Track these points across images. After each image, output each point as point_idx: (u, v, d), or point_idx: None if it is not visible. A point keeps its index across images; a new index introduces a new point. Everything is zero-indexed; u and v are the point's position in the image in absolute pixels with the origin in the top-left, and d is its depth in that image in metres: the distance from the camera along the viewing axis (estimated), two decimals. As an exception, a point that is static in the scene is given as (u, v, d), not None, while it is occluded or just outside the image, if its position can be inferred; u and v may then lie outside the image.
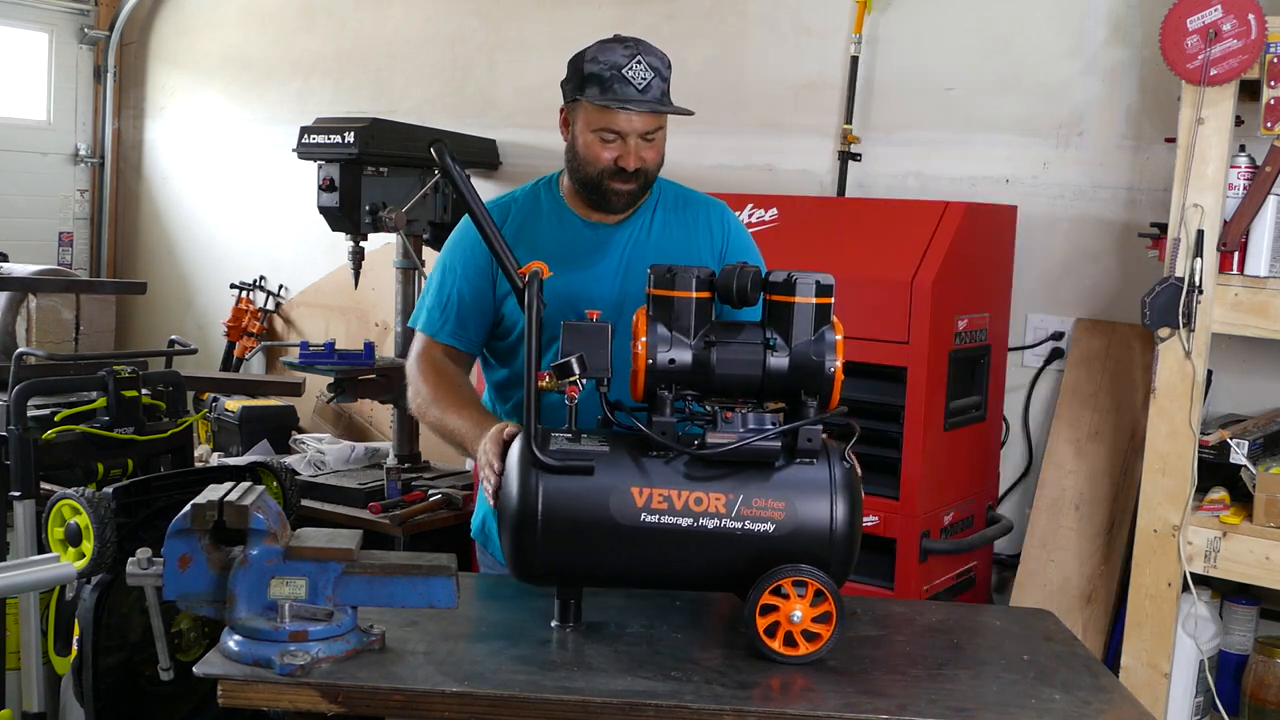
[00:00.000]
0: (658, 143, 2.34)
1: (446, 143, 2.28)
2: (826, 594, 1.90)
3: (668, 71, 2.31)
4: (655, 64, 2.28)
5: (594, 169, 2.33)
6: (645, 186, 2.38)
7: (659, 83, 2.28)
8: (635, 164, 2.30)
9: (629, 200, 2.38)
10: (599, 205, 2.40)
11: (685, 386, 1.99)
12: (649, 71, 2.26)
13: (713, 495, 1.93)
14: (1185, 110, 2.92)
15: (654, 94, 2.27)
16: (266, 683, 1.80)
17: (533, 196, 2.49)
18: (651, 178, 2.38)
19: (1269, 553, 2.89)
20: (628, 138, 2.29)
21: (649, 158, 2.33)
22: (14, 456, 3.10)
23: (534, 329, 1.97)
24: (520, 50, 4.91)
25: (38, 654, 3.04)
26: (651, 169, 2.35)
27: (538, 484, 1.92)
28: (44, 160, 6.12)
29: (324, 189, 4.05)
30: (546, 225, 2.43)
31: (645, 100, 2.26)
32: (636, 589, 2.18)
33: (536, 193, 2.49)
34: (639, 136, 2.29)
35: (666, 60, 2.32)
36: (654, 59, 2.29)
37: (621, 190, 2.34)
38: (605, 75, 2.26)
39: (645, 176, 2.35)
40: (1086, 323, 3.73)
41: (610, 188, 2.34)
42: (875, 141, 4.07)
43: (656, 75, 2.27)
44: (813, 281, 1.98)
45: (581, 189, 2.39)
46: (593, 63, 2.28)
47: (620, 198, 2.36)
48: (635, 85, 2.25)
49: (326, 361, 4.05)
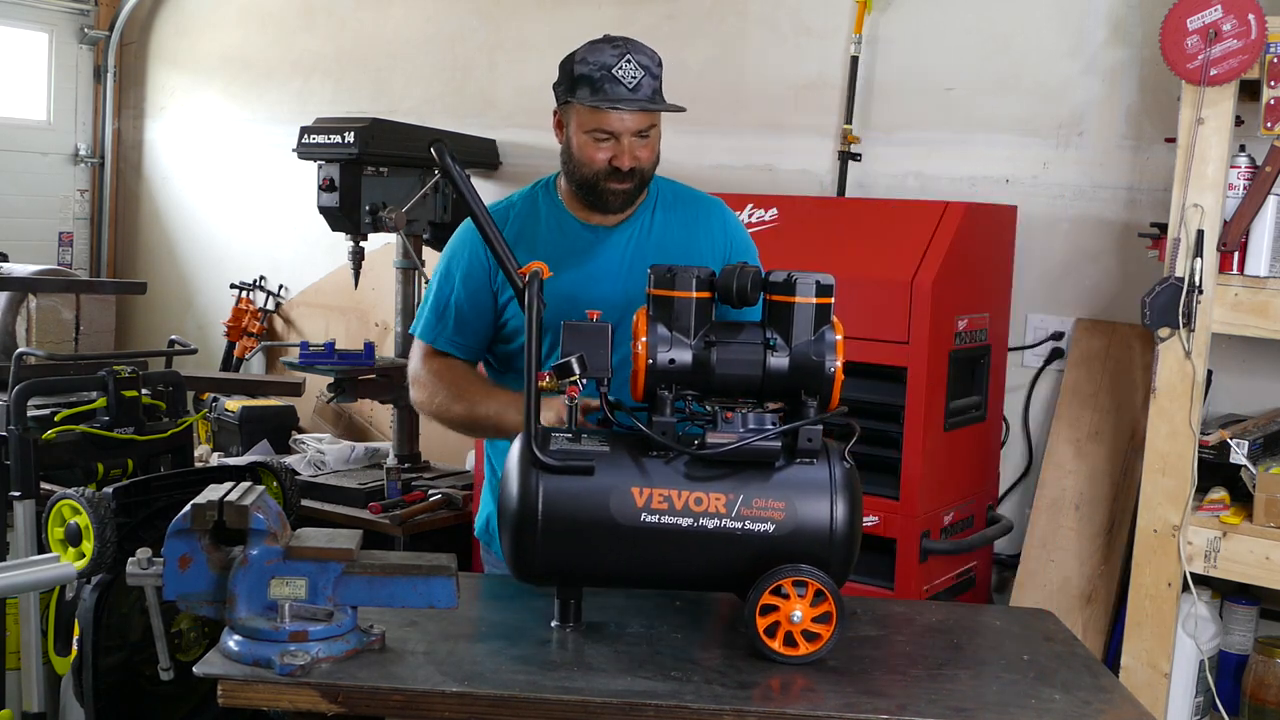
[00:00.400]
0: (652, 141, 2.34)
1: (447, 143, 2.28)
2: (826, 594, 1.90)
3: (659, 69, 2.31)
4: (645, 62, 2.28)
5: (589, 170, 2.33)
6: (641, 185, 2.38)
7: (650, 81, 2.28)
8: (630, 163, 2.30)
9: (626, 200, 2.39)
10: (597, 206, 2.40)
11: (685, 386, 1.99)
12: (639, 70, 2.27)
13: (713, 495, 1.93)
14: (1185, 110, 2.92)
15: (645, 92, 2.27)
16: (266, 683, 1.80)
17: (530, 200, 2.48)
18: (647, 177, 2.38)
19: (1269, 553, 2.89)
20: (621, 137, 2.29)
21: (644, 156, 2.33)
22: (14, 456, 3.11)
23: (534, 329, 1.97)
24: (520, 50, 4.91)
25: (38, 654, 3.04)
26: (647, 168, 2.36)
27: (538, 484, 1.92)
28: (44, 160, 6.12)
29: (324, 189, 4.05)
30: (545, 229, 2.43)
31: (636, 99, 2.26)
32: (636, 589, 2.18)
33: (534, 196, 2.49)
34: (633, 135, 2.30)
35: (657, 58, 2.32)
36: (643, 57, 2.29)
37: (618, 190, 2.35)
38: (595, 76, 2.26)
39: (641, 176, 2.35)
40: (1086, 323, 3.73)
41: (607, 188, 2.34)
42: (875, 141, 4.07)
43: (647, 74, 2.28)
44: (813, 281, 1.98)
45: (578, 190, 2.39)
46: (582, 64, 2.28)
47: (617, 197, 2.36)
48: (625, 84, 2.25)
49: (326, 361, 4.05)
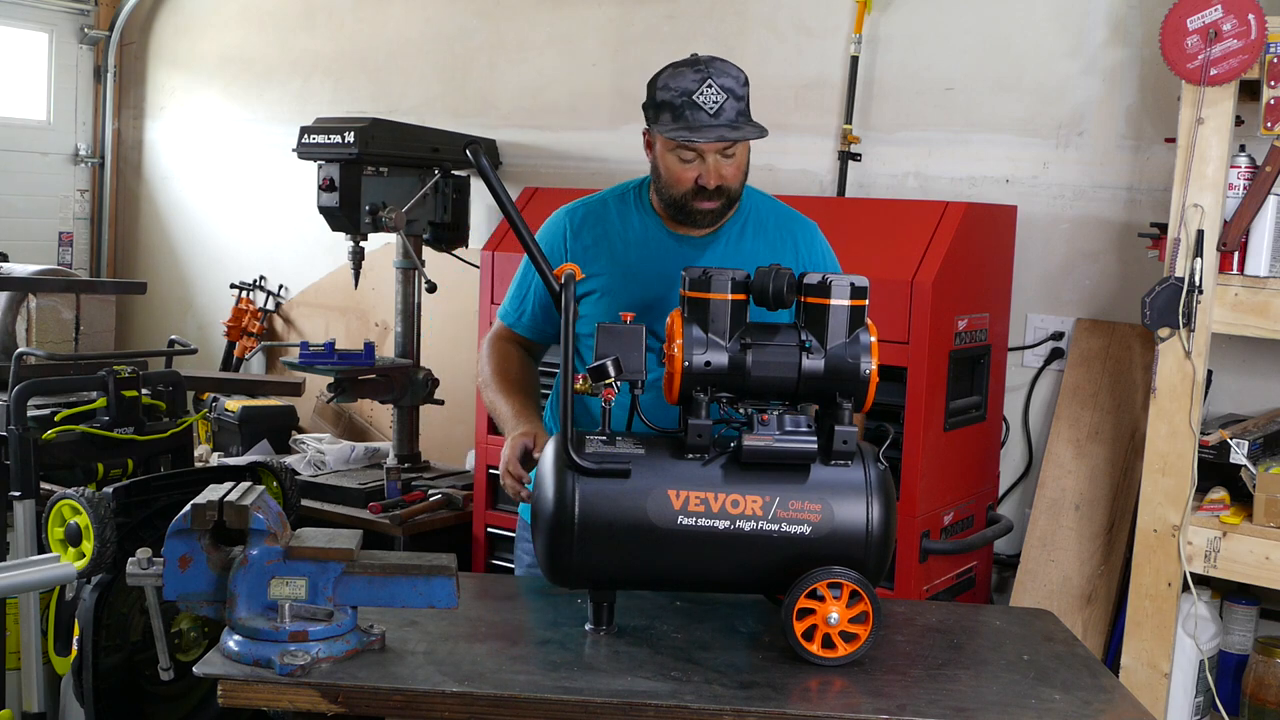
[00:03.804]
0: (739, 158, 2.35)
1: (481, 144, 2.29)
2: (862, 594, 1.90)
3: (743, 88, 2.31)
4: (728, 84, 2.28)
5: (677, 190, 2.36)
6: (730, 203, 2.40)
7: (733, 104, 2.28)
8: (715, 181, 2.32)
9: (714, 217, 2.41)
10: (685, 222, 2.42)
11: (720, 389, 1.99)
12: (720, 95, 2.27)
13: (749, 497, 1.93)
14: (1185, 110, 2.92)
15: (727, 115, 2.27)
16: (266, 683, 1.80)
17: (621, 200, 2.51)
18: (735, 194, 2.39)
19: (1269, 553, 2.89)
20: (706, 156, 2.30)
21: (729, 175, 2.34)
22: (14, 456, 3.11)
23: (568, 331, 1.97)
24: (520, 50, 4.91)
25: (38, 654, 3.04)
26: (734, 186, 2.37)
27: (574, 487, 1.91)
28: (44, 160, 6.12)
29: (324, 189, 4.05)
30: (631, 232, 2.46)
31: (716, 126, 2.26)
32: (670, 592, 2.18)
33: (625, 197, 2.51)
34: (718, 154, 2.30)
35: (742, 77, 2.32)
36: (727, 79, 2.29)
37: (705, 209, 2.37)
38: (676, 103, 2.28)
39: (728, 194, 2.37)
40: (1086, 323, 3.73)
41: (695, 207, 2.37)
42: (875, 141, 4.07)
43: (729, 96, 2.28)
44: (847, 284, 1.98)
45: (668, 208, 2.42)
46: (664, 89, 2.30)
47: (705, 216, 2.39)
48: (706, 110, 2.26)
49: (326, 361, 4.05)
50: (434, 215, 4.42)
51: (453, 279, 4.54)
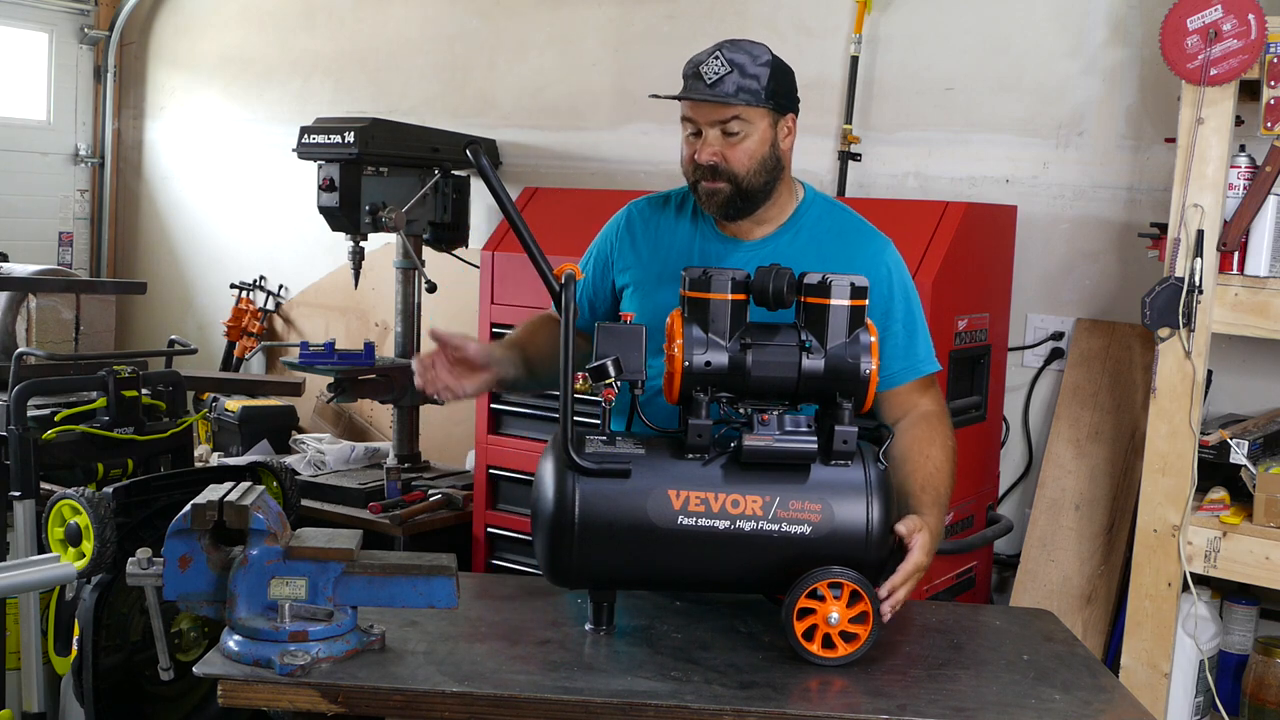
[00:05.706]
0: (746, 143, 2.23)
1: (481, 144, 2.27)
2: (862, 594, 1.91)
3: (758, 67, 2.21)
4: (738, 60, 2.20)
5: (686, 169, 2.30)
6: (740, 191, 2.26)
7: (737, 77, 2.19)
8: (709, 157, 2.22)
9: (720, 204, 2.28)
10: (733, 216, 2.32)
11: (720, 389, 1.98)
12: (724, 66, 2.19)
13: (749, 497, 1.93)
14: (1185, 110, 2.92)
15: (727, 88, 2.19)
16: (266, 683, 1.80)
17: (682, 199, 2.44)
18: (742, 180, 2.25)
19: (1269, 553, 2.89)
20: (705, 132, 2.24)
21: (731, 156, 2.23)
22: (14, 456, 3.11)
23: (568, 330, 1.97)
24: (520, 50, 4.91)
25: (38, 654, 3.05)
26: (738, 170, 2.23)
27: (574, 487, 1.91)
28: (44, 160, 6.12)
29: (324, 189, 4.05)
30: (680, 230, 2.40)
31: (711, 93, 2.18)
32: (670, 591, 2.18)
33: (688, 196, 2.41)
34: (718, 131, 2.22)
35: (762, 58, 2.22)
36: (740, 55, 2.20)
37: (706, 189, 2.26)
38: (687, 73, 2.24)
39: (732, 178, 2.24)
40: (1086, 323, 3.73)
41: (701, 189, 2.28)
42: (875, 141, 4.08)
43: (736, 70, 2.18)
44: (847, 284, 1.97)
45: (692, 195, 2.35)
46: (686, 64, 2.26)
47: (709, 199, 2.27)
48: (705, 80, 2.19)
49: (326, 361, 4.05)
50: (434, 215, 4.42)
51: (453, 279, 4.54)
